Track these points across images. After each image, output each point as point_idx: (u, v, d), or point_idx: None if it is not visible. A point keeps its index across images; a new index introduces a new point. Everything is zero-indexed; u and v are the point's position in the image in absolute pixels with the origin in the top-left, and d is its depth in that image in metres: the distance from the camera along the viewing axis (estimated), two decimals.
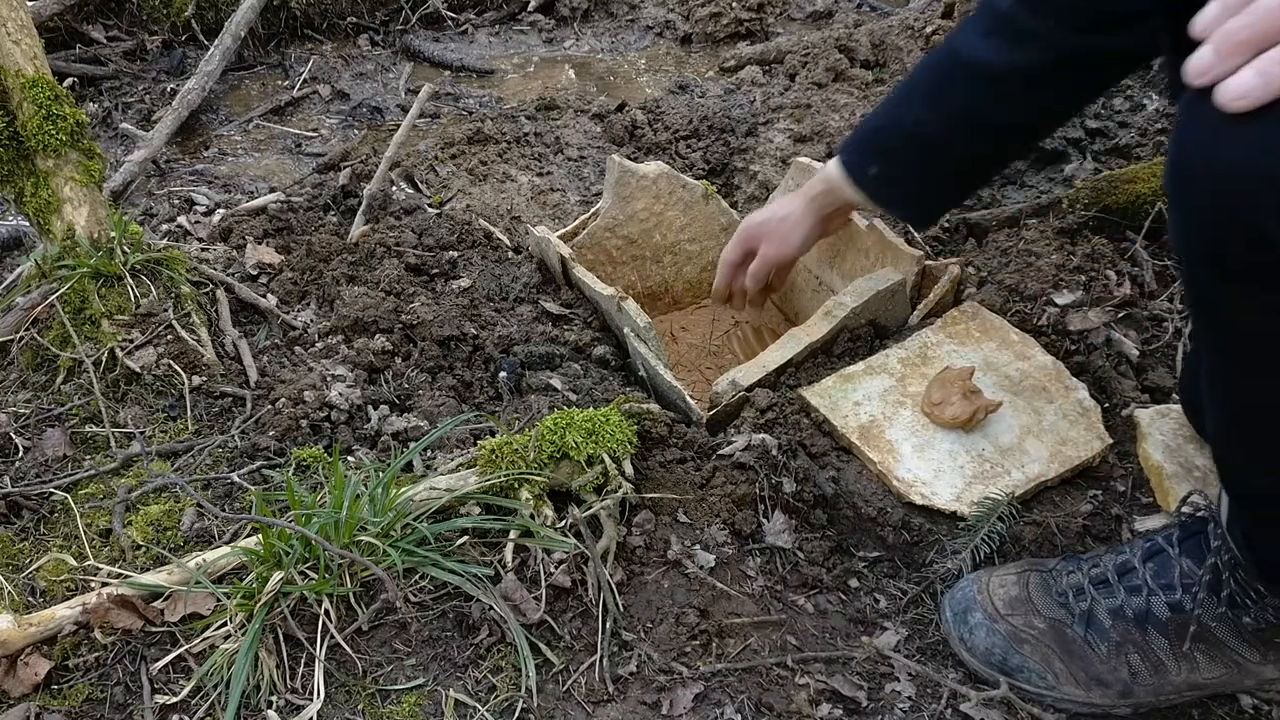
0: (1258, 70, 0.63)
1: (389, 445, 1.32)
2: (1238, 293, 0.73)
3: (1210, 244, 0.71)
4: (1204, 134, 0.68)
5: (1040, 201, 1.76)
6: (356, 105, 2.54)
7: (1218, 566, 0.98)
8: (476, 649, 1.06)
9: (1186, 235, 0.73)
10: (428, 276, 1.72)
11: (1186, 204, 0.72)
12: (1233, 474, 0.91)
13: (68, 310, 1.44)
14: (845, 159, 1.33)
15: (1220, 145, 0.66)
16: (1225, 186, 0.67)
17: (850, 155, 1.33)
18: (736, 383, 1.39)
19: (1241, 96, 0.64)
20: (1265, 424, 0.83)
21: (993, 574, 1.12)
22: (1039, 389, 1.33)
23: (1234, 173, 0.66)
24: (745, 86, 2.44)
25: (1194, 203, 0.71)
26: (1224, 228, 0.68)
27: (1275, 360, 0.75)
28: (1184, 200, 0.72)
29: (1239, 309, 0.74)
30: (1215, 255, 0.71)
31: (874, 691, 1.07)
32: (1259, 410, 0.82)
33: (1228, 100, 0.65)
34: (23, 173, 1.44)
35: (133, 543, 1.17)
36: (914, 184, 1.31)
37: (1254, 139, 0.64)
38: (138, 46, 2.68)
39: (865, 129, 1.33)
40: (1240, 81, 0.64)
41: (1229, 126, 0.65)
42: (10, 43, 1.35)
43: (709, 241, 1.81)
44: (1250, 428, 0.85)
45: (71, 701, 1.02)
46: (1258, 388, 0.80)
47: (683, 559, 1.15)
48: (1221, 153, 0.66)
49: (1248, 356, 0.79)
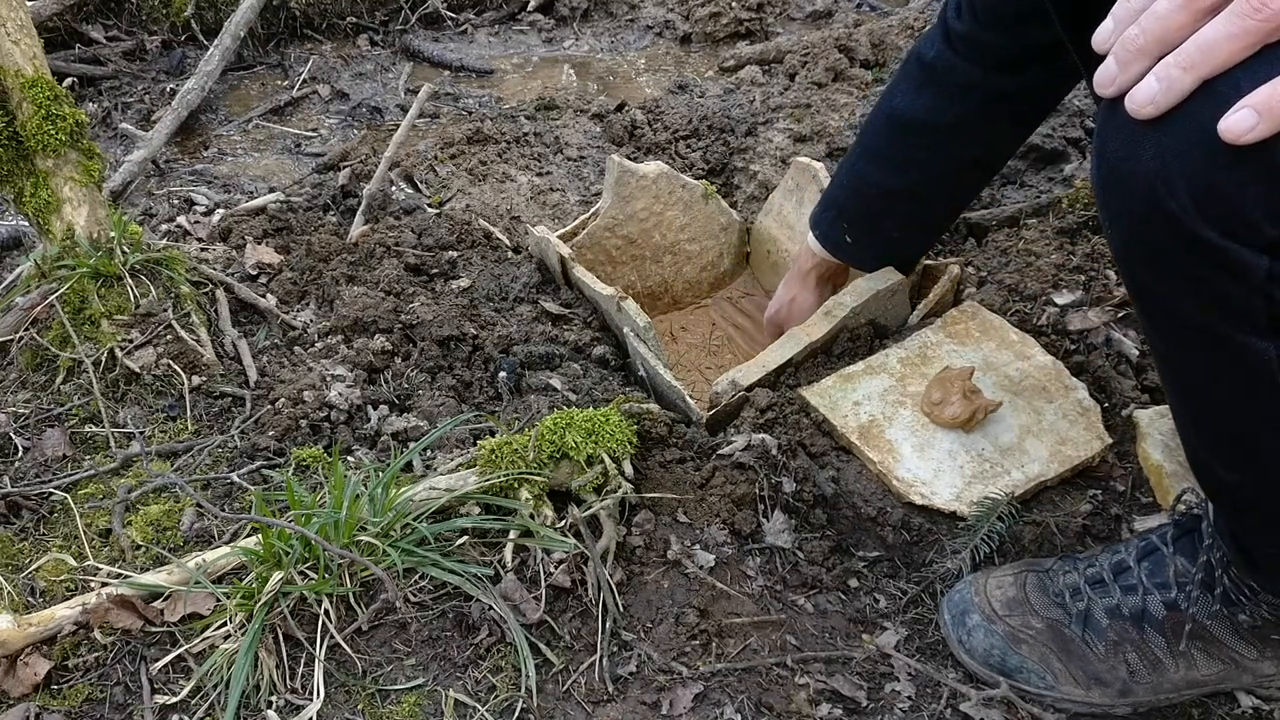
0: (1158, 76, 0.66)
1: (389, 445, 1.32)
2: (1169, 284, 0.75)
3: (1142, 244, 0.74)
4: (1120, 141, 0.71)
5: (1040, 201, 1.76)
6: (356, 105, 2.54)
7: (1210, 564, 0.98)
8: (476, 649, 1.06)
9: (1120, 236, 0.76)
10: (427, 276, 1.72)
11: (1114, 207, 0.74)
12: (1201, 469, 0.91)
13: (67, 310, 1.44)
14: (819, 233, 1.44)
15: (1135, 151, 0.69)
16: (1145, 187, 0.69)
17: (822, 230, 1.44)
18: (736, 383, 1.39)
19: (1148, 102, 0.67)
20: (1218, 421, 0.84)
21: (990, 575, 1.12)
22: (1039, 389, 1.33)
23: (1151, 175, 0.69)
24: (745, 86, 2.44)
25: (1120, 205, 0.73)
26: (1150, 225, 0.71)
27: (1217, 352, 0.77)
28: (1111, 203, 0.75)
29: (1174, 299, 0.76)
30: (1146, 251, 0.74)
31: (874, 691, 1.07)
32: (1211, 407, 0.84)
33: (1136, 108, 0.68)
34: (22, 173, 1.44)
35: (132, 543, 1.17)
36: (887, 242, 1.41)
37: (1165, 142, 0.67)
38: (137, 46, 2.68)
39: (829, 202, 1.43)
40: (1145, 89, 0.67)
41: (1142, 132, 0.69)
42: (10, 43, 1.35)
43: (709, 241, 1.81)
44: (1206, 424, 0.86)
45: (71, 701, 1.02)
46: (1205, 382, 0.82)
47: (682, 559, 1.15)
48: (1138, 157, 0.69)
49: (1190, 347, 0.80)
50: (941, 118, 1.23)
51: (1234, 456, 0.85)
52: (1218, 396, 0.81)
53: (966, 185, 1.37)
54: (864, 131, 1.35)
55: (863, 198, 1.36)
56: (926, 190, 1.31)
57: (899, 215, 1.36)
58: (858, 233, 1.40)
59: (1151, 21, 0.66)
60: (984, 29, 1.18)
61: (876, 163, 1.32)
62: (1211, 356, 0.78)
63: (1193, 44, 0.64)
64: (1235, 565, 0.96)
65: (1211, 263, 0.70)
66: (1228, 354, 0.76)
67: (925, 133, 1.25)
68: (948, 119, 1.23)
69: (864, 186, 1.35)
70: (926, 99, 1.24)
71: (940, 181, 1.31)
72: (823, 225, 1.43)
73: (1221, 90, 0.64)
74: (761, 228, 1.82)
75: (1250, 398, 0.78)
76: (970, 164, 1.31)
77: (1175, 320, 0.78)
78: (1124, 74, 0.69)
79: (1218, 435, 0.86)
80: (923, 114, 1.24)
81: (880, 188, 1.32)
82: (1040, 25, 1.07)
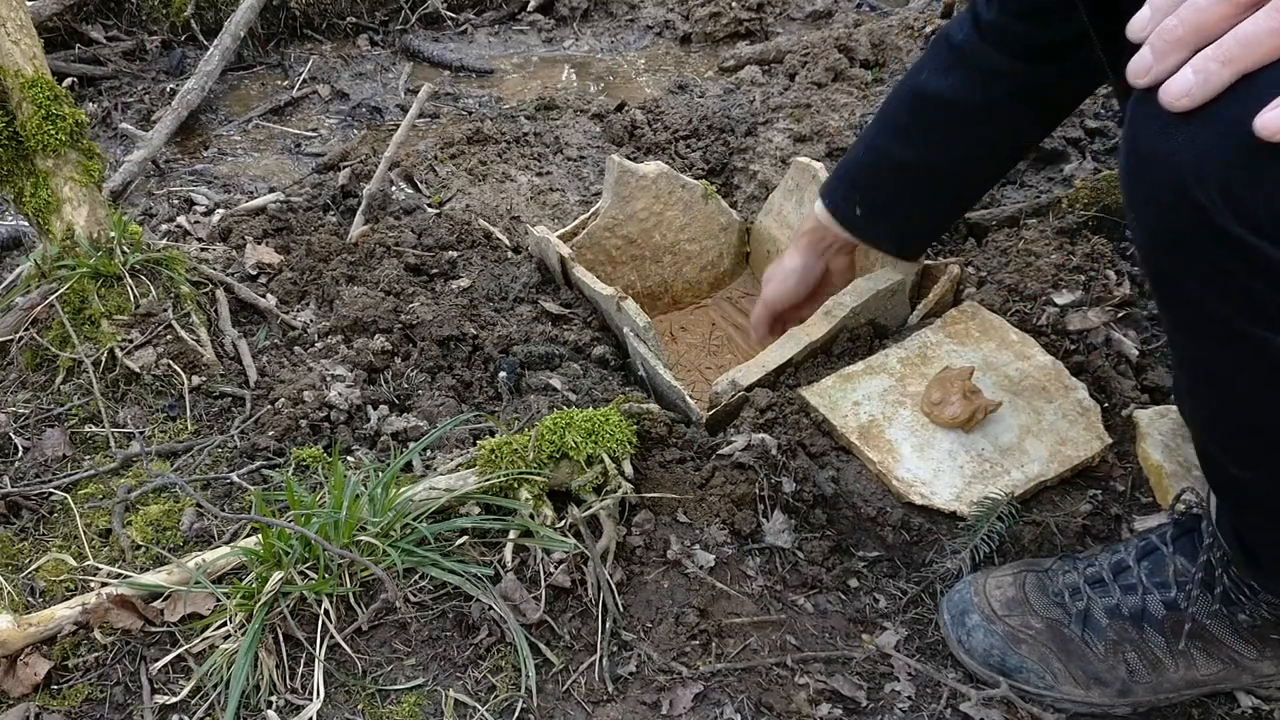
0: (1195, 69, 0.65)
1: (389, 445, 1.32)
2: (1193, 275, 0.74)
3: (1167, 234, 0.73)
4: (1151, 131, 0.70)
5: (1040, 201, 1.76)
6: (356, 105, 2.54)
7: (1210, 563, 0.98)
8: (476, 649, 1.06)
9: (1145, 226, 0.76)
10: (427, 276, 1.72)
11: (1141, 196, 0.74)
12: (1210, 465, 0.91)
13: (67, 310, 1.44)
14: (829, 201, 1.39)
15: (1167, 142, 0.69)
16: (1175, 179, 0.69)
17: (833, 197, 1.38)
18: (736, 383, 1.39)
19: (1183, 95, 0.66)
20: (1237, 414, 0.84)
21: (989, 575, 1.12)
22: (1038, 389, 1.33)
23: (1181, 166, 0.68)
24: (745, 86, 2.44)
25: (1147, 195, 0.73)
26: (1177, 217, 0.71)
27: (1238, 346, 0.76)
28: (1138, 192, 0.74)
29: (1197, 291, 0.76)
30: (1171, 242, 0.73)
31: (874, 691, 1.07)
32: (1229, 399, 0.83)
33: (1171, 100, 0.67)
34: (22, 173, 1.44)
35: (132, 543, 1.17)
36: (899, 219, 1.37)
37: (1198, 134, 0.67)
38: (137, 46, 2.67)
39: (846, 170, 1.38)
40: (1181, 82, 0.66)
41: (1174, 123, 0.68)
42: (10, 43, 1.35)
43: (709, 241, 1.82)
44: (1226, 416, 0.85)
45: (71, 702, 1.02)
46: (1224, 375, 0.81)
47: (682, 559, 1.15)
48: (1169, 149, 0.69)
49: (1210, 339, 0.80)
50: (968, 98, 1.21)
51: (1248, 451, 0.84)
52: (1237, 389, 0.81)
53: (985, 171, 1.35)
54: (885, 108, 1.32)
55: (879, 172, 1.33)
56: (945, 170, 1.29)
57: (913, 194, 1.33)
58: (869, 207, 1.36)
59: (1191, 12, 0.65)
60: (1013, 19, 1.17)
61: (898, 137, 1.29)
62: (1232, 350, 0.77)
63: (1232, 38, 0.64)
64: (1236, 564, 0.96)
65: (1237, 257, 0.69)
66: (1249, 348, 0.75)
67: (951, 111, 1.23)
68: (974, 101, 1.21)
69: (882, 161, 1.32)
70: (955, 80, 1.22)
71: (960, 163, 1.29)
72: (834, 196, 1.39)
73: (1260, 86, 0.63)
74: (761, 228, 1.82)
75: (1270, 390, 0.77)
76: (992, 149, 1.29)
77: (1196, 312, 0.78)
78: (1160, 64, 0.68)
79: (1235, 428, 0.85)
80: (949, 93, 1.22)
81: (899, 163, 1.29)
82: (1069, 17, 1.05)
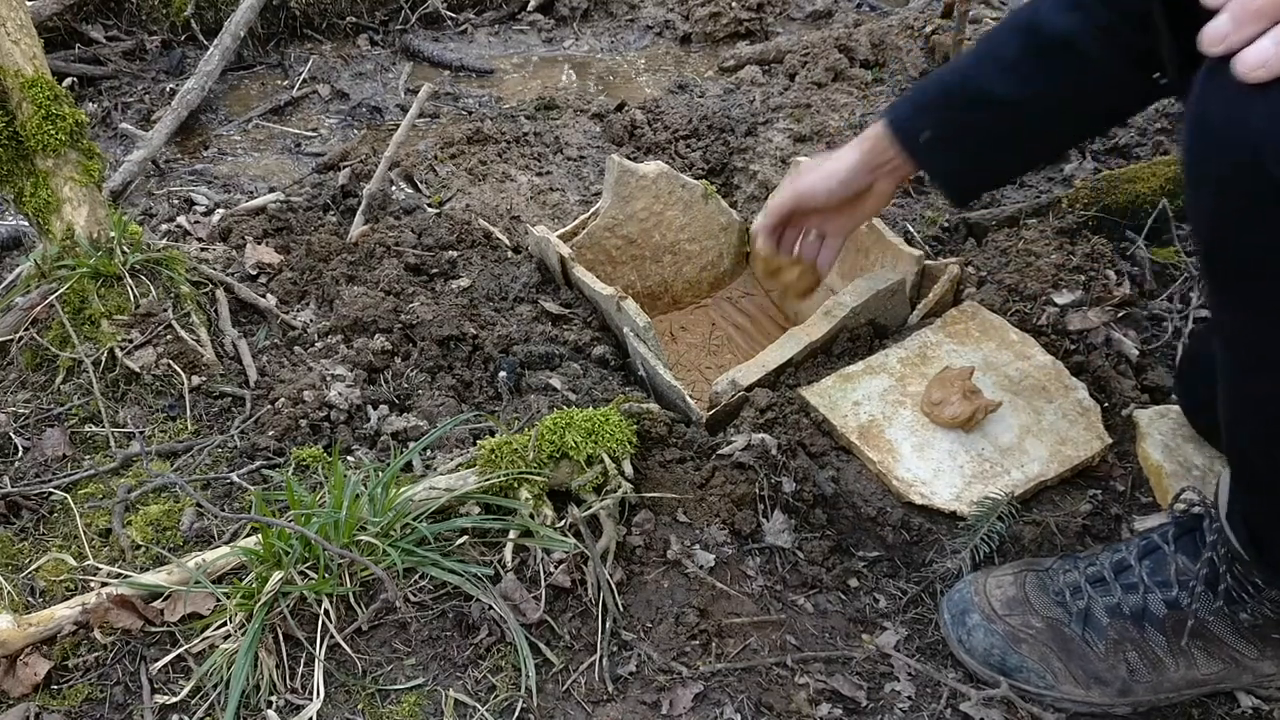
0: (1276, 40, 0.63)
1: (388, 445, 1.32)
2: (1261, 248, 0.72)
3: (1237, 208, 0.70)
4: (1223, 102, 0.68)
5: (1040, 201, 1.76)
6: (356, 105, 2.54)
7: (1214, 561, 0.98)
8: (476, 649, 1.06)
9: (1211, 198, 0.73)
10: (427, 276, 1.72)
11: (1208, 169, 0.71)
12: (1248, 452, 0.89)
13: (67, 310, 1.44)
14: (896, 122, 1.23)
15: (1243, 113, 0.66)
16: (1251, 151, 0.67)
17: (902, 118, 1.24)
18: (736, 382, 1.39)
19: (1260, 65, 0.64)
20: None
21: (989, 575, 1.12)
22: (1039, 389, 1.33)
23: (1257, 138, 0.66)
24: (745, 86, 2.44)
25: (1217, 168, 0.70)
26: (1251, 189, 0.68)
27: None
28: (1206, 165, 0.71)
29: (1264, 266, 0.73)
30: (1241, 216, 0.71)
31: (874, 691, 1.07)
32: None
33: (1246, 70, 0.65)
34: (22, 172, 1.44)
35: (132, 543, 1.17)
36: (969, 155, 1.23)
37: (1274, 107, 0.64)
38: (137, 46, 2.67)
39: (923, 93, 1.24)
40: (1258, 51, 0.64)
41: (1248, 96, 0.65)
42: (10, 43, 1.35)
43: (709, 241, 1.81)
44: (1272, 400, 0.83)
45: (71, 701, 1.02)
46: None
47: (682, 559, 1.15)
48: (1245, 120, 0.66)
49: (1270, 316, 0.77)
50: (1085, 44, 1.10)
51: None
52: None
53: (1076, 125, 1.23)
54: (985, 40, 1.20)
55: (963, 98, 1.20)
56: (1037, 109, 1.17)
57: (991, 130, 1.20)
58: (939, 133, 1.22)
59: None
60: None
61: (996, 66, 1.17)
62: None
63: None
64: (1241, 558, 0.96)
65: None
66: None
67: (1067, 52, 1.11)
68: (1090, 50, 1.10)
69: (970, 88, 1.19)
70: (1076, 20, 1.10)
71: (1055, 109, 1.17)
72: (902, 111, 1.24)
73: None
74: None
75: None
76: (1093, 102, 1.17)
77: (1262, 289, 0.75)
78: (1237, 33, 0.66)
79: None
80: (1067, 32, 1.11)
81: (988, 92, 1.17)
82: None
